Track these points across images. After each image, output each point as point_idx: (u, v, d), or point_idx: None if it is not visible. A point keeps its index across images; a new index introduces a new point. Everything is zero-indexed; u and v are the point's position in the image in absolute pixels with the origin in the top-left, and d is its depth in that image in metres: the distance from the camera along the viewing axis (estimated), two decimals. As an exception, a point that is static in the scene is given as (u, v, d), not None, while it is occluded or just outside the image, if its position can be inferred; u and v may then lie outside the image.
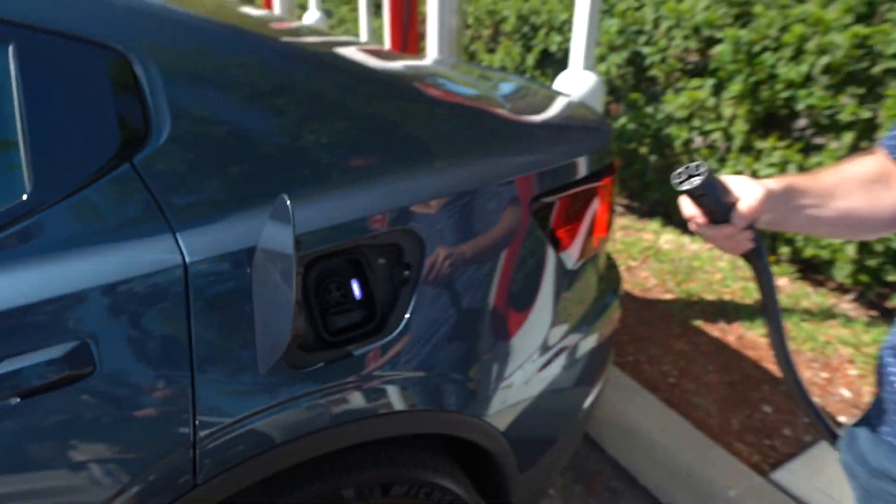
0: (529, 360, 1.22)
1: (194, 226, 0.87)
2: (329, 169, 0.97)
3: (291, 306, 0.70)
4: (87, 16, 0.86)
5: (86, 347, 0.79)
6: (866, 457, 0.85)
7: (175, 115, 0.88)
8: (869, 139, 2.59)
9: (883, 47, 2.41)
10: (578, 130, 1.35)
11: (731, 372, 2.24)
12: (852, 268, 2.67)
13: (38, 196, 0.81)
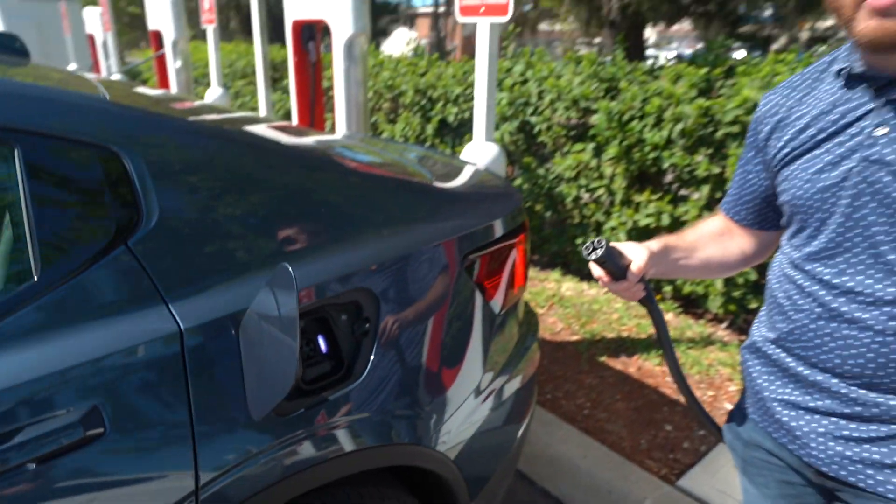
0: (471, 395, 1.40)
1: (185, 297, 0.99)
2: (296, 241, 1.13)
3: (296, 355, 0.84)
4: (81, 121, 0.99)
5: (96, 412, 0.88)
6: (740, 433, 1.10)
7: (162, 201, 1.01)
8: (721, 190, 3.09)
9: (721, 116, 2.93)
10: (494, 196, 1.59)
11: (636, 399, 2.52)
12: (722, 300, 3.12)
13: (47, 278, 0.90)
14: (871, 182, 0.83)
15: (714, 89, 3.23)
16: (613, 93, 3.56)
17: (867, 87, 0.84)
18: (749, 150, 1.06)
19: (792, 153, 0.93)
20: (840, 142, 0.86)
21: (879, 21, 0.74)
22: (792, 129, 0.93)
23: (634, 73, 3.56)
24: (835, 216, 0.87)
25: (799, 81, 0.97)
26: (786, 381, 0.99)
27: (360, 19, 3.33)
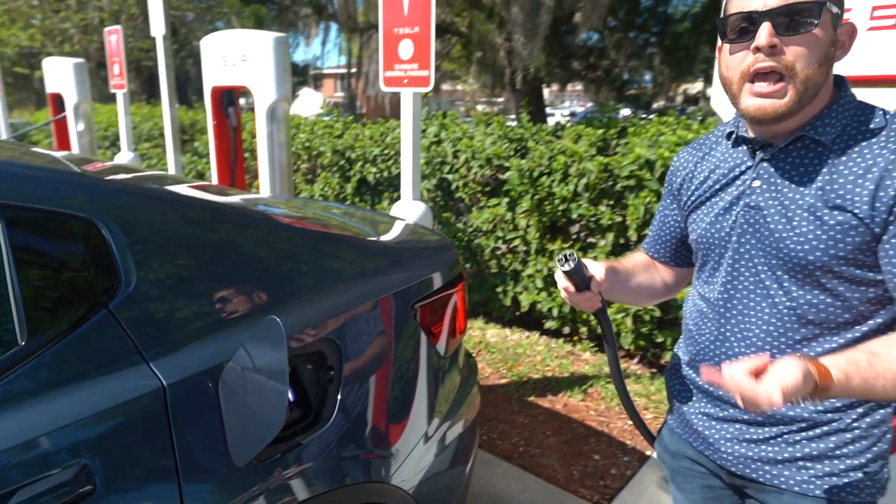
0: (424, 434, 1.50)
1: (165, 354, 1.04)
2: (263, 298, 1.21)
3: (286, 400, 0.93)
4: (59, 194, 1.04)
5: (86, 470, 0.91)
6: (668, 446, 1.27)
7: (138, 266, 1.08)
8: (624, 237, 3.43)
9: (619, 171, 3.29)
10: (435, 249, 1.75)
11: (565, 433, 2.70)
12: (633, 336, 3.41)
13: (34, 343, 0.94)
14: (751, 223, 1.03)
15: (610, 147, 3.63)
16: (523, 151, 3.89)
17: (748, 148, 1.05)
18: (667, 198, 1.25)
19: (697, 200, 1.13)
20: (730, 191, 1.07)
21: (758, 102, 0.95)
22: (697, 181, 1.14)
23: (540, 134, 3.91)
24: (728, 251, 1.07)
25: (703, 143, 1.18)
26: (699, 396, 1.17)
27: (283, 86, 3.47)
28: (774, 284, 1.02)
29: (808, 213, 0.96)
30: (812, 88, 0.94)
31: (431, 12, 2.36)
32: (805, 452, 1.03)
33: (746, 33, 0.94)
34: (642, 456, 2.53)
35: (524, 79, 7.55)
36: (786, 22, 0.91)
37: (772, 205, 1.00)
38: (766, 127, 1.00)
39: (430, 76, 2.43)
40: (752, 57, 0.94)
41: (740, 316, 1.06)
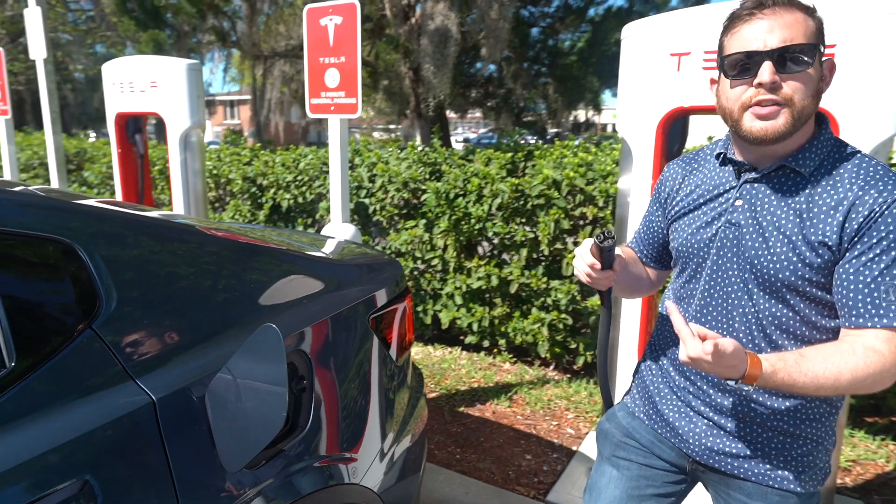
0: (388, 436, 1.59)
1: (151, 370, 1.07)
2: (237, 312, 1.26)
3: (285, 403, 0.99)
4: (35, 218, 1.05)
5: (88, 486, 0.92)
6: (621, 421, 1.38)
7: (117, 285, 1.10)
8: (537, 251, 3.69)
9: (529, 191, 3.56)
10: (384, 265, 1.85)
11: (496, 438, 2.85)
12: (549, 344, 3.65)
13: (22, 365, 0.94)
14: (730, 238, 1.13)
15: (519, 169, 3.90)
16: (438, 174, 4.07)
17: (734, 169, 1.16)
18: (653, 204, 1.35)
19: (681, 210, 1.24)
20: (713, 207, 1.17)
21: (761, 124, 1.04)
22: (683, 192, 1.25)
23: (453, 158, 4.12)
24: (708, 261, 1.17)
25: (693, 158, 1.28)
26: (675, 393, 1.27)
27: (197, 112, 3.44)
28: (745, 296, 1.13)
29: (783, 236, 1.07)
30: (804, 117, 1.05)
31: (358, 43, 2.49)
32: (765, 450, 1.16)
33: (747, 70, 1.04)
34: (569, 452, 2.73)
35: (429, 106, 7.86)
36: (784, 61, 1.01)
37: (751, 224, 1.11)
38: (764, 148, 1.09)
39: (358, 103, 2.55)
40: (754, 90, 1.04)
41: (714, 322, 1.18)
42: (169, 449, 1.04)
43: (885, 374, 0.99)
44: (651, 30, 2.01)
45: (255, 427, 1.05)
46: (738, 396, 1.17)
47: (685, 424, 1.25)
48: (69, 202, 1.15)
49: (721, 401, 1.19)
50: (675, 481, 1.33)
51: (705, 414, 1.21)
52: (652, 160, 2.09)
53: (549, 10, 8.80)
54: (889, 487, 2.48)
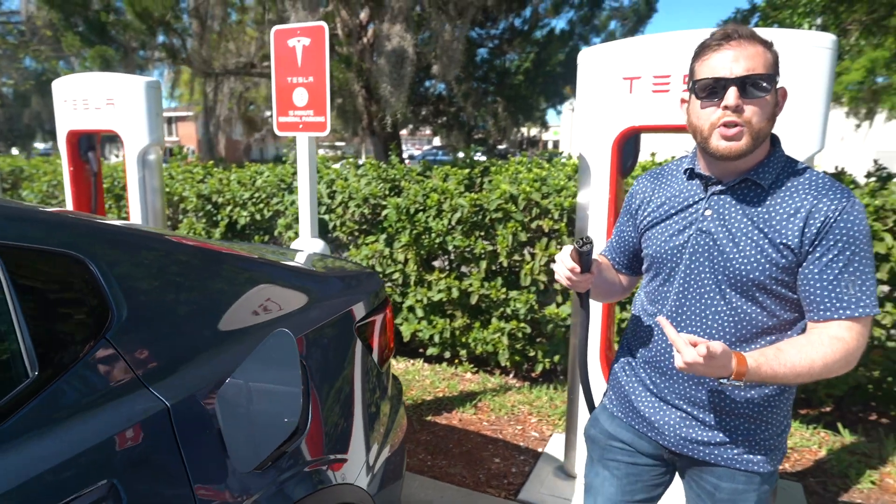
0: (374, 443, 1.66)
1: (163, 377, 1.12)
2: (240, 321, 1.32)
3: (300, 402, 1.06)
4: (51, 235, 1.09)
5: (113, 487, 0.96)
6: (605, 426, 1.49)
7: (126, 297, 1.14)
8: (496, 263, 3.83)
9: (488, 205, 3.70)
10: (365, 276, 1.92)
11: (465, 444, 2.94)
12: (509, 352, 3.78)
13: (43, 376, 0.97)
14: (702, 244, 1.25)
15: (476, 185, 4.04)
16: (397, 190, 4.16)
17: (701, 183, 1.29)
18: (624, 216, 1.47)
19: (653, 221, 1.36)
20: (683, 216, 1.30)
21: (726, 143, 1.19)
22: (654, 204, 1.37)
23: (411, 174, 4.23)
24: (681, 267, 1.29)
25: (661, 172, 1.41)
26: (646, 387, 1.38)
27: (156, 130, 3.42)
28: (717, 296, 1.25)
29: (751, 240, 1.20)
30: (762, 137, 1.20)
31: (326, 64, 2.57)
32: (733, 437, 1.29)
33: (715, 94, 1.18)
34: (535, 453, 2.85)
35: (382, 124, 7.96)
36: (746, 87, 1.16)
37: (721, 231, 1.24)
38: (728, 163, 1.23)
39: (327, 121, 2.62)
40: (721, 112, 1.18)
41: (688, 321, 1.29)
42: (184, 451, 1.09)
43: (849, 357, 1.16)
44: (605, 55, 2.19)
45: (269, 428, 1.11)
46: (709, 388, 1.29)
47: (660, 418, 1.36)
48: (76, 217, 1.18)
49: (693, 393, 1.31)
50: (659, 473, 1.45)
51: (678, 406, 1.33)
52: (608, 175, 2.26)
53: (496, 32, 9.14)
54: (822, 470, 2.72)
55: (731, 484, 1.31)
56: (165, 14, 6.35)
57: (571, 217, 3.54)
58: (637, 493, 1.45)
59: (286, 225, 4.48)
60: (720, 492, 1.32)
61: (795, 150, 1.98)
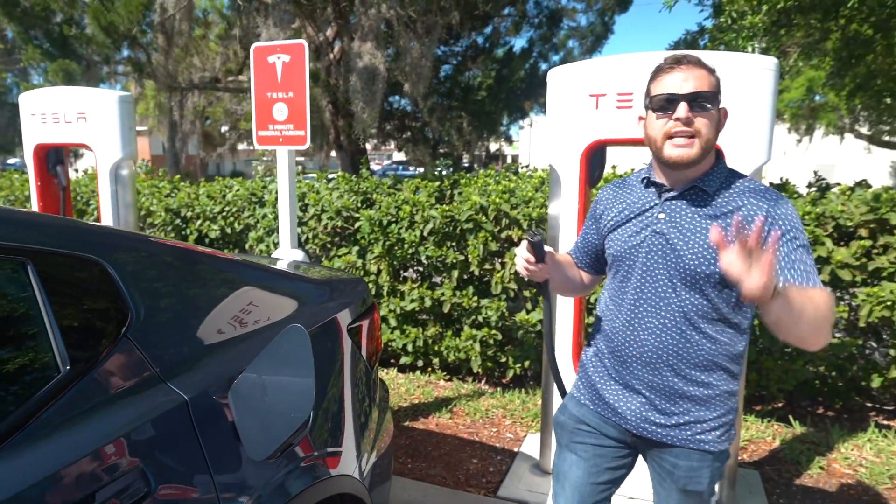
0: (366, 441, 1.74)
1: (179, 373, 1.19)
2: (250, 321, 1.40)
3: (313, 393, 1.15)
4: (72, 240, 1.15)
5: (143, 471, 1.03)
6: (572, 411, 1.63)
7: (143, 298, 1.21)
8: (467, 272, 3.95)
9: (459, 216, 3.83)
10: (353, 282, 2.01)
11: (443, 447, 3.03)
12: (481, 359, 3.90)
13: (73, 371, 1.04)
14: (657, 244, 1.40)
15: (446, 197, 4.17)
16: (369, 203, 4.26)
17: (656, 190, 1.44)
18: (589, 220, 1.63)
19: (614, 224, 1.51)
20: (640, 220, 1.45)
21: (678, 152, 1.34)
22: (615, 210, 1.52)
23: (382, 187, 4.33)
24: (637, 264, 1.47)
25: (622, 183, 1.56)
26: (610, 376, 1.52)
27: (129, 144, 3.44)
28: (670, 289, 1.40)
29: (700, 238, 1.35)
30: (709, 148, 1.36)
31: (306, 80, 2.66)
32: (687, 419, 1.42)
33: (668, 108, 1.35)
34: (511, 453, 2.96)
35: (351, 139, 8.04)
36: (694, 103, 1.33)
37: (673, 231, 1.40)
38: (679, 172, 1.39)
39: (307, 135, 2.71)
40: (673, 123, 1.35)
41: (645, 313, 1.44)
42: (202, 440, 1.16)
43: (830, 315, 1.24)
44: (573, 74, 2.35)
45: (281, 419, 1.19)
46: (666, 376, 1.44)
47: (623, 404, 1.50)
48: (91, 224, 1.25)
49: (651, 379, 1.45)
50: (622, 455, 1.58)
51: (639, 392, 1.47)
52: (578, 184, 2.41)
53: (459, 49, 9.38)
54: (777, 459, 2.92)
55: (687, 462, 1.45)
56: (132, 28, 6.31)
57: (540, 227, 3.70)
58: (602, 475, 1.57)
59: (257, 238, 4.51)
60: (678, 470, 1.47)
61: (746, 161, 2.18)
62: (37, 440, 0.95)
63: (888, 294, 3.01)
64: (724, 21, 5.13)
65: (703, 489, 1.47)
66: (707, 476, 1.46)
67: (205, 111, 10.04)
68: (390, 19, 6.31)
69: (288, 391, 1.20)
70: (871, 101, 8.07)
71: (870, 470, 2.77)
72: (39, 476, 0.91)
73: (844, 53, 6.19)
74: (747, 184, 1.40)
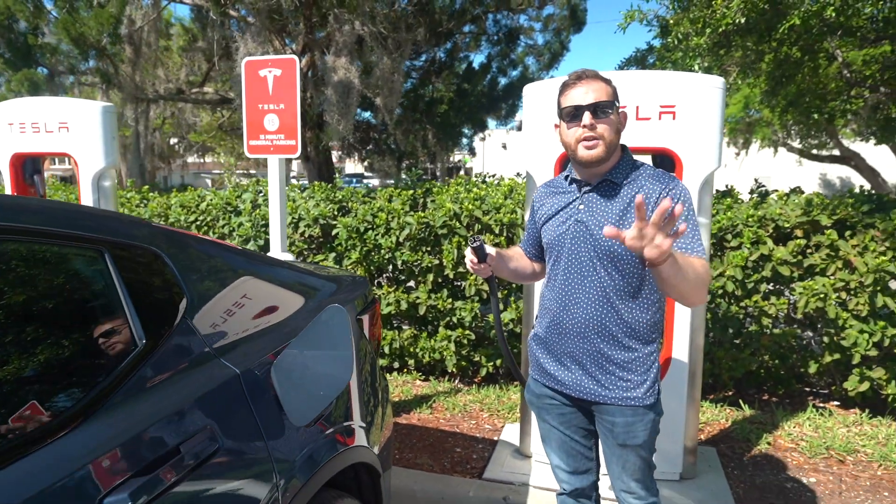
0: (377, 415, 1.92)
1: (227, 350, 1.35)
2: (282, 308, 1.56)
3: (353, 362, 1.32)
4: (134, 232, 1.30)
5: (213, 431, 1.19)
6: (534, 389, 1.87)
7: (192, 284, 1.37)
8: (442, 276, 4.15)
9: (434, 222, 4.03)
10: (357, 279, 2.19)
11: (427, 439, 3.20)
12: (456, 358, 4.09)
13: (150, 345, 1.19)
14: (579, 231, 1.66)
15: (419, 205, 4.37)
16: (345, 211, 4.41)
17: (576, 186, 1.73)
18: (529, 217, 1.91)
19: (547, 218, 1.78)
20: (565, 212, 1.72)
21: (588, 153, 1.61)
22: (547, 206, 1.79)
23: (357, 196, 4.49)
24: (565, 249, 1.72)
25: (551, 183, 1.85)
26: (551, 352, 1.78)
27: (111, 153, 3.50)
28: (592, 269, 1.66)
29: (612, 222, 1.60)
30: (613, 147, 1.64)
31: (297, 92, 2.83)
32: (615, 381, 1.67)
33: (576, 117, 1.62)
34: (492, 441, 3.17)
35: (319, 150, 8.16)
36: (596, 111, 1.60)
37: (591, 219, 1.66)
38: (591, 169, 1.67)
39: (297, 144, 2.87)
40: (581, 130, 1.61)
41: (574, 290, 1.69)
42: (254, 407, 1.32)
43: (708, 276, 1.54)
44: (547, 89, 2.61)
45: (323, 389, 1.36)
46: (595, 343, 1.68)
47: (565, 375, 1.75)
48: (144, 219, 1.40)
49: (584, 346, 1.69)
50: (584, 415, 1.82)
51: (575, 359, 1.71)
52: (552, 190, 2.66)
53: (420, 64, 9.66)
54: (730, 438, 3.22)
55: (623, 418, 1.69)
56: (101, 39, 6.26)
57: (511, 231, 3.95)
58: (576, 433, 1.84)
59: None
60: (616, 427, 1.71)
61: (699, 167, 2.48)
62: (130, 401, 1.09)
63: (821, 287, 3.38)
64: (671, 41, 5.56)
65: (640, 443, 1.71)
66: (642, 430, 1.70)
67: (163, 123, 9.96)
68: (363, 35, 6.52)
69: (329, 363, 1.37)
70: (801, 117, 8.75)
71: (809, 443, 3.10)
72: (138, 430, 1.07)
73: (777, 73, 6.75)
74: (648, 171, 1.68)
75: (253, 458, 1.28)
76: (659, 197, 1.60)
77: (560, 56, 10.30)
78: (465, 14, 8.63)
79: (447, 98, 9.65)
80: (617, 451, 1.74)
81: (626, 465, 1.75)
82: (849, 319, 3.40)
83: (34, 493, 0.88)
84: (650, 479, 1.80)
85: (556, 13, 9.69)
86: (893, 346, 3.38)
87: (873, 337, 3.33)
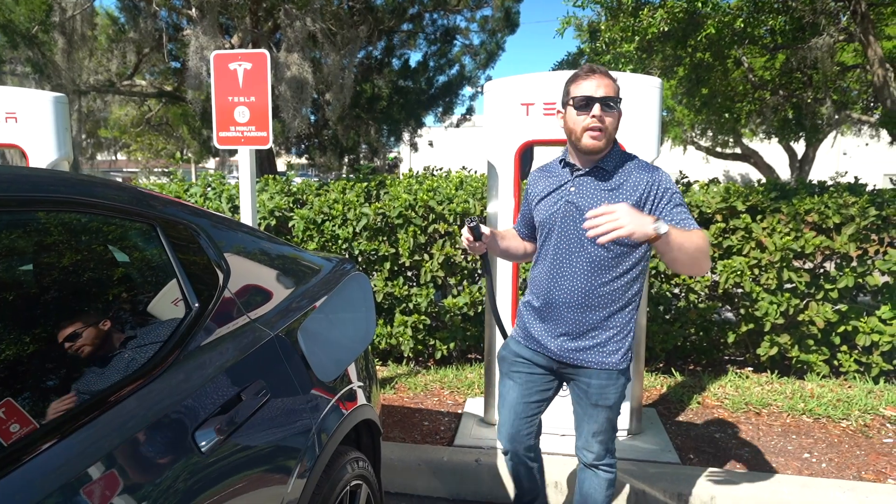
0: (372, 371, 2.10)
1: (261, 316, 1.50)
2: (298, 281, 1.71)
3: (374, 319, 1.50)
4: (178, 210, 1.43)
5: (264, 386, 1.34)
6: (512, 348, 2.08)
7: (227, 258, 1.51)
8: (398, 264, 4.34)
9: (391, 213, 4.21)
10: (343, 260, 2.34)
11: (395, 415, 3.39)
12: (413, 342, 4.29)
13: (201, 310, 1.33)
14: (570, 211, 1.85)
15: (373, 196, 4.53)
16: (301, 203, 4.50)
17: (569, 169, 1.91)
18: (525, 198, 2.07)
19: (539, 199, 1.99)
20: (557, 193, 1.92)
21: (592, 142, 1.79)
22: (540, 187, 1.98)
23: (311, 188, 4.59)
24: (556, 227, 1.93)
25: (546, 166, 2.01)
26: (539, 318, 2.00)
27: (64, 145, 3.46)
28: (579, 246, 1.83)
29: (600, 204, 1.74)
30: (611, 138, 1.82)
31: (268, 85, 2.93)
32: (594, 345, 1.88)
33: (586, 107, 1.77)
34: (456, 414, 3.39)
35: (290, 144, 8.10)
36: (605, 104, 1.77)
37: (581, 200, 1.84)
38: (589, 156, 1.84)
39: (269, 136, 2.97)
40: (590, 119, 1.77)
41: (562, 265, 1.88)
42: (289, 365, 1.48)
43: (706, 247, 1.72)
44: (507, 86, 2.86)
45: (349, 344, 1.54)
46: (580, 312, 1.88)
47: (549, 340, 1.94)
48: (185, 201, 1.52)
49: (570, 315, 1.89)
50: (549, 380, 2.04)
51: (560, 326, 1.91)
52: (512, 178, 2.92)
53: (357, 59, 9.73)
54: (666, 400, 3.62)
55: (598, 381, 1.91)
56: (31, 27, 5.91)
57: (463, 220, 4.19)
58: (533, 396, 2.04)
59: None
60: (591, 388, 1.92)
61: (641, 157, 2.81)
62: (197, 354, 1.24)
63: (738, 265, 3.85)
64: (600, 45, 6.00)
65: (611, 404, 1.93)
66: (613, 392, 1.92)
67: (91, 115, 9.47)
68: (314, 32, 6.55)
69: (352, 325, 1.55)
70: (714, 116, 9.56)
71: (732, 401, 3.54)
72: (209, 378, 1.21)
73: (693, 76, 7.38)
74: (635, 161, 1.89)
75: (293, 409, 1.44)
76: (646, 184, 1.80)
77: (496, 56, 10.69)
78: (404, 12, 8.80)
79: (386, 94, 9.80)
80: (589, 411, 1.94)
81: (595, 423, 1.94)
82: (760, 293, 3.89)
83: (150, 423, 1.02)
84: (611, 441, 2.02)
85: (491, 15, 10.07)
86: (796, 314, 3.90)
87: (780, 307, 3.83)
